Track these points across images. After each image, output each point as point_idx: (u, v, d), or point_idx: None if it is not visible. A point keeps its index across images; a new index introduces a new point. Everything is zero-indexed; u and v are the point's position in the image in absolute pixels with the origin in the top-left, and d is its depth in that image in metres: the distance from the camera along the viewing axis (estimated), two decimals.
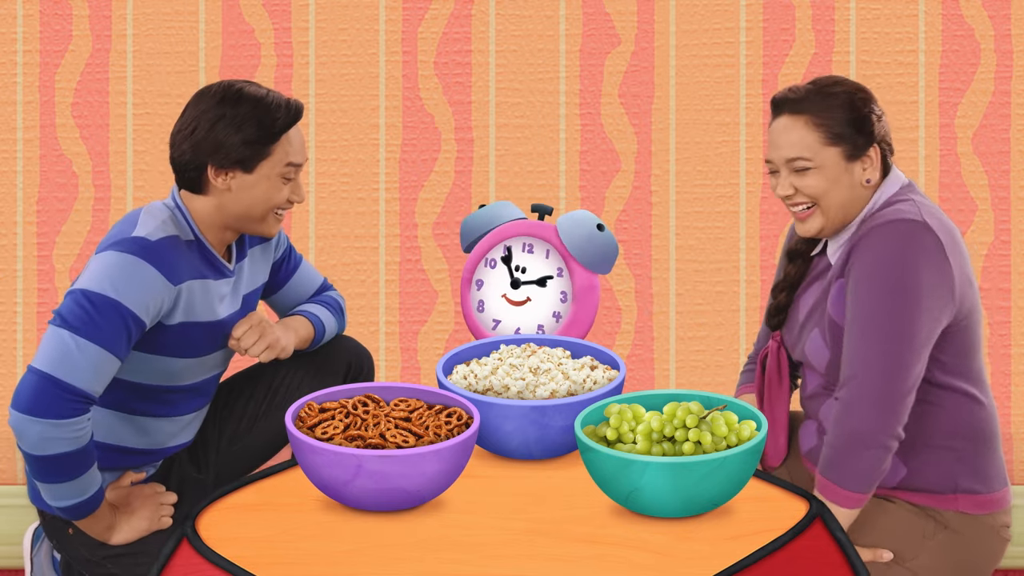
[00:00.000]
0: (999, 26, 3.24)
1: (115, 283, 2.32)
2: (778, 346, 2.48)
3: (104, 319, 2.30)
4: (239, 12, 3.25)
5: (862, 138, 2.36)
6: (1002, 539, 2.39)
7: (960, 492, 2.35)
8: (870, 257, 2.29)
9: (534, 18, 3.27)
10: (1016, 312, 3.26)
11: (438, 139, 3.27)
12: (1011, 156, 3.25)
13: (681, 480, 2.01)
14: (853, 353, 2.29)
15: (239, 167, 2.40)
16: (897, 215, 2.30)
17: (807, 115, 2.36)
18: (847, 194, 2.37)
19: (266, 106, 2.40)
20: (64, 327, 2.30)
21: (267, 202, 2.43)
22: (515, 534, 2.04)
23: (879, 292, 2.28)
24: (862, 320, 2.29)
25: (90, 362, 2.30)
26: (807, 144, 2.36)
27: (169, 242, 2.38)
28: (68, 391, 2.28)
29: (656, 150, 3.27)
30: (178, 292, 2.38)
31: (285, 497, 2.18)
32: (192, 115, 2.42)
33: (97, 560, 2.48)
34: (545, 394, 2.30)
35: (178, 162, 2.43)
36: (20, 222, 3.23)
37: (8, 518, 3.14)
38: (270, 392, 2.64)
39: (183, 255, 2.40)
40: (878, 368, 2.27)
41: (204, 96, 2.43)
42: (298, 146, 2.44)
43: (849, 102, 2.36)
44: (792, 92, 2.39)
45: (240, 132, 2.39)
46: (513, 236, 2.63)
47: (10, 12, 3.23)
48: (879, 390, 2.27)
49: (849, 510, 2.29)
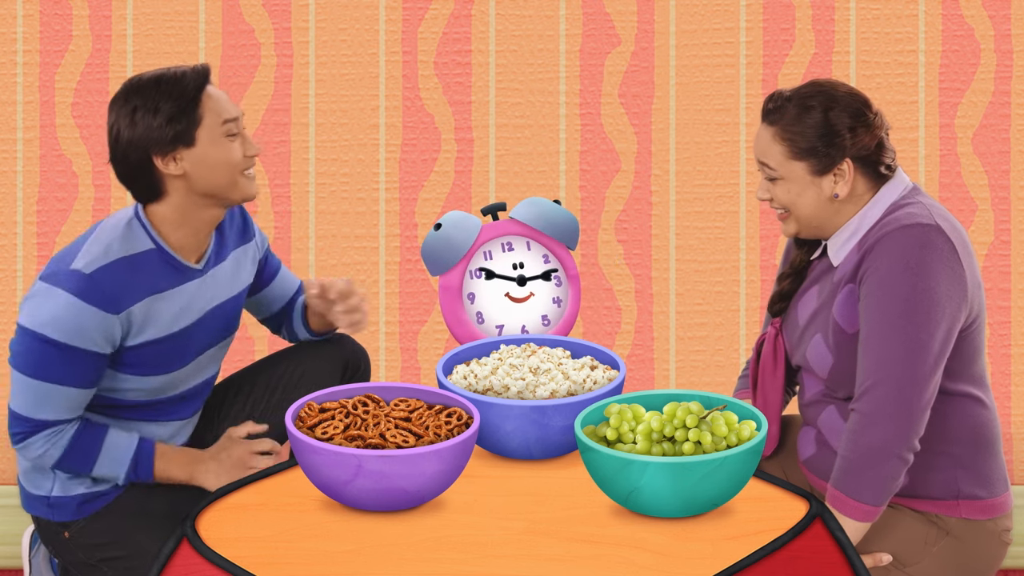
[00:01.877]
0: (999, 26, 3.24)
1: (58, 326, 2.31)
2: (776, 333, 2.46)
3: (60, 360, 2.33)
4: (239, 12, 3.25)
5: (833, 153, 2.33)
6: (1003, 543, 2.38)
7: (963, 498, 2.34)
8: (884, 264, 2.27)
9: (534, 18, 3.27)
10: (1016, 312, 3.26)
11: (438, 139, 3.27)
12: (1011, 156, 3.25)
13: (681, 480, 2.00)
14: (871, 364, 2.27)
15: (179, 144, 2.35)
16: (910, 219, 2.28)
17: (776, 128, 2.35)
18: (815, 206, 2.35)
19: (170, 79, 2.36)
20: (25, 373, 2.34)
21: (225, 165, 2.38)
22: (515, 534, 2.04)
23: (896, 300, 2.25)
24: (880, 330, 2.26)
25: (58, 400, 2.36)
26: (773, 155, 2.35)
27: (108, 270, 2.34)
28: (45, 426, 2.37)
29: (656, 150, 3.27)
30: (126, 317, 2.36)
31: (285, 497, 2.18)
32: (111, 123, 2.37)
33: (93, 563, 2.48)
34: (545, 394, 2.30)
35: (124, 174, 2.38)
36: (20, 222, 3.23)
37: (7, 518, 3.14)
38: (267, 391, 2.64)
39: (127, 277, 2.36)
40: (897, 379, 2.24)
41: (113, 102, 2.38)
42: (224, 103, 2.39)
43: (821, 119, 2.32)
44: (772, 100, 2.37)
45: (159, 113, 2.34)
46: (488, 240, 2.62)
47: (10, 12, 3.23)
48: (899, 402, 2.24)
49: (861, 523, 2.27)
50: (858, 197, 2.36)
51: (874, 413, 2.25)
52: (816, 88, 2.36)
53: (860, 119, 2.34)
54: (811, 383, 2.43)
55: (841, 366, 2.34)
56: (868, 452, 2.25)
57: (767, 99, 2.38)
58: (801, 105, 2.34)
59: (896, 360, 2.25)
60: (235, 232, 2.56)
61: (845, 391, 2.35)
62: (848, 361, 2.33)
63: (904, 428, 2.24)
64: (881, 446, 2.24)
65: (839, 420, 2.37)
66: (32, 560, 2.64)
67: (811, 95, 2.35)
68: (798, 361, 2.44)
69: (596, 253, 3.28)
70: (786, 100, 2.35)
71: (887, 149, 2.37)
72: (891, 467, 2.25)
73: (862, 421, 2.26)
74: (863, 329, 2.29)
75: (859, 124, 2.34)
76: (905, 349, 2.24)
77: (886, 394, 2.24)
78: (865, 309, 2.28)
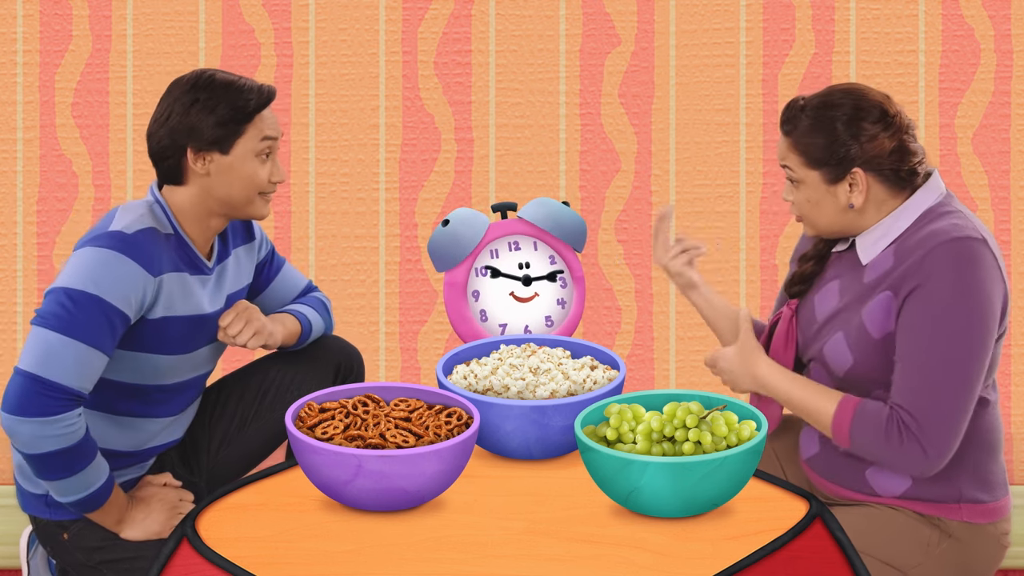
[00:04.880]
0: (999, 26, 3.24)
1: (95, 279, 2.32)
2: (792, 315, 2.44)
3: (86, 316, 2.31)
4: (239, 12, 3.25)
5: (842, 163, 2.31)
6: (1002, 546, 2.38)
7: (964, 501, 2.33)
8: (936, 279, 2.24)
9: (534, 18, 3.27)
10: (1016, 312, 3.26)
11: (438, 139, 3.27)
12: (1011, 156, 3.25)
13: (681, 480, 2.01)
14: (922, 384, 2.25)
15: (215, 148, 2.41)
16: (958, 232, 2.25)
17: (791, 138, 2.35)
18: (832, 215, 2.34)
19: (238, 88, 2.42)
20: (46, 326, 2.31)
21: (248, 182, 2.43)
22: (515, 534, 2.04)
23: (953, 319, 2.23)
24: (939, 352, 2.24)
25: (74, 360, 2.30)
26: (791, 161, 2.36)
27: (147, 234, 2.38)
28: (54, 389, 2.29)
29: (656, 150, 3.27)
30: (159, 283, 2.38)
31: (285, 497, 2.18)
32: (167, 103, 2.43)
33: (92, 565, 2.47)
34: (545, 394, 2.30)
35: (156, 151, 2.44)
36: (20, 222, 3.23)
37: (5, 519, 3.14)
38: (260, 393, 2.64)
39: (162, 247, 2.40)
40: (949, 407, 2.24)
41: (177, 84, 2.45)
42: (271, 121, 2.45)
43: (829, 129, 2.31)
44: (788, 110, 2.36)
45: (214, 114, 2.40)
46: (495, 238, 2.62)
47: (10, 12, 3.23)
48: (950, 426, 2.24)
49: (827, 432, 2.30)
50: (880, 203, 2.33)
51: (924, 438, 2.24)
52: (832, 96, 2.34)
53: (876, 125, 2.31)
54: (820, 378, 2.40)
55: (860, 368, 2.32)
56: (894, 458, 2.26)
57: (785, 108, 2.37)
58: (813, 116, 2.33)
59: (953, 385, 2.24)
60: (238, 231, 2.58)
61: (857, 392, 2.33)
62: (867, 364, 2.31)
63: (949, 450, 2.25)
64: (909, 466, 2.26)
65: None
66: (30, 561, 2.64)
67: (825, 104, 2.33)
68: (812, 355, 2.41)
69: (596, 253, 3.28)
70: (799, 110, 2.34)
71: (909, 153, 2.32)
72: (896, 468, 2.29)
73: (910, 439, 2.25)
74: (915, 346, 2.26)
75: (874, 130, 2.31)
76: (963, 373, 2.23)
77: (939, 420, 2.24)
78: (915, 325, 2.25)
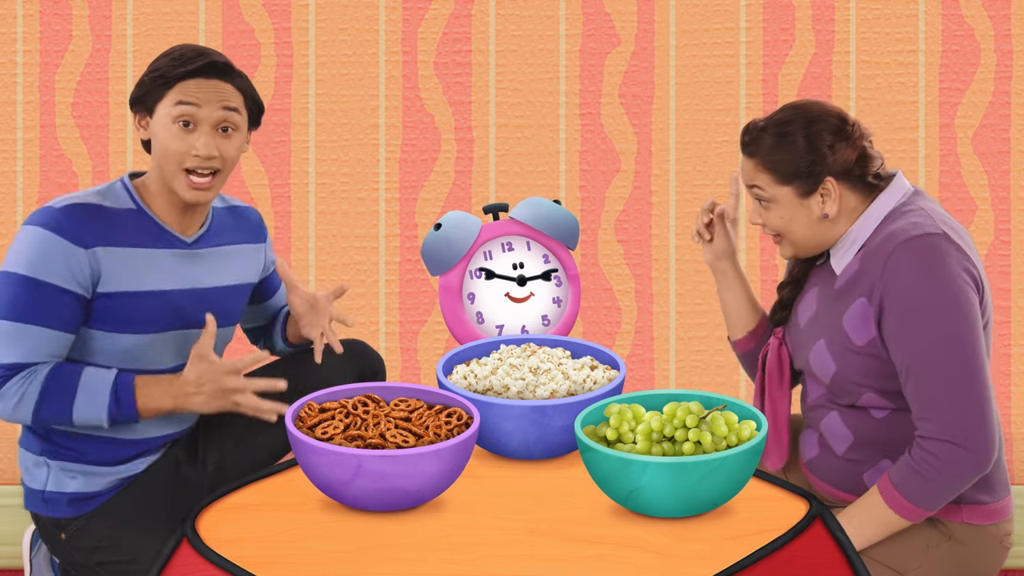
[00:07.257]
0: (999, 26, 3.24)
1: (27, 260, 2.33)
2: (779, 343, 2.47)
3: (32, 298, 2.32)
4: (239, 12, 3.25)
5: (815, 173, 2.33)
6: (1004, 547, 2.38)
7: (966, 503, 2.33)
8: (903, 282, 2.25)
9: (534, 18, 3.27)
10: (1016, 312, 3.26)
11: (438, 139, 3.27)
12: (1011, 156, 3.25)
13: (681, 480, 2.01)
14: (932, 395, 2.24)
15: (143, 110, 2.42)
16: (916, 230, 2.27)
17: (756, 159, 2.37)
18: (807, 228, 2.36)
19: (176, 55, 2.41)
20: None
21: (169, 151, 2.40)
22: (515, 534, 2.04)
23: (934, 321, 2.23)
24: (930, 357, 2.24)
25: (31, 342, 2.32)
26: (760, 181, 2.37)
27: (78, 209, 2.37)
28: (17, 369, 2.32)
29: (656, 150, 3.27)
30: (93, 256, 2.36)
31: (285, 497, 2.18)
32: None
33: (91, 566, 2.47)
34: (545, 394, 2.30)
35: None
36: (20, 222, 3.23)
37: (8, 518, 3.14)
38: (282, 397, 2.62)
39: (97, 220, 2.38)
40: (967, 402, 2.23)
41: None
42: (194, 89, 2.39)
43: (799, 142, 2.33)
44: (747, 133, 2.39)
45: (147, 74, 2.42)
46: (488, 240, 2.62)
47: (10, 12, 3.23)
48: (977, 417, 2.23)
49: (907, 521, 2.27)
50: (851, 211, 2.36)
51: (950, 446, 2.23)
52: (790, 112, 2.37)
53: (838, 135, 2.34)
54: (814, 386, 2.43)
55: (843, 374, 2.33)
56: (952, 476, 2.24)
57: (743, 131, 2.40)
58: (777, 132, 2.35)
59: (956, 387, 2.23)
60: (246, 228, 2.58)
61: (847, 399, 2.35)
62: (850, 370, 2.33)
63: (989, 449, 2.23)
64: (966, 471, 2.24)
65: (841, 426, 2.37)
66: (33, 560, 2.64)
67: (785, 120, 2.36)
68: (800, 364, 2.44)
69: (596, 253, 3.28)
70: (761, 130, 2.37)
71: (872, 158, 2.37)
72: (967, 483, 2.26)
73: (941, 452, 2.23)
74: (906, 355, 2.26)
75: (837, 140, 2.34)
76: (960, 371, 2.23)
77: (955, 423, 2.23)
78: (903, 335, 2.25)
